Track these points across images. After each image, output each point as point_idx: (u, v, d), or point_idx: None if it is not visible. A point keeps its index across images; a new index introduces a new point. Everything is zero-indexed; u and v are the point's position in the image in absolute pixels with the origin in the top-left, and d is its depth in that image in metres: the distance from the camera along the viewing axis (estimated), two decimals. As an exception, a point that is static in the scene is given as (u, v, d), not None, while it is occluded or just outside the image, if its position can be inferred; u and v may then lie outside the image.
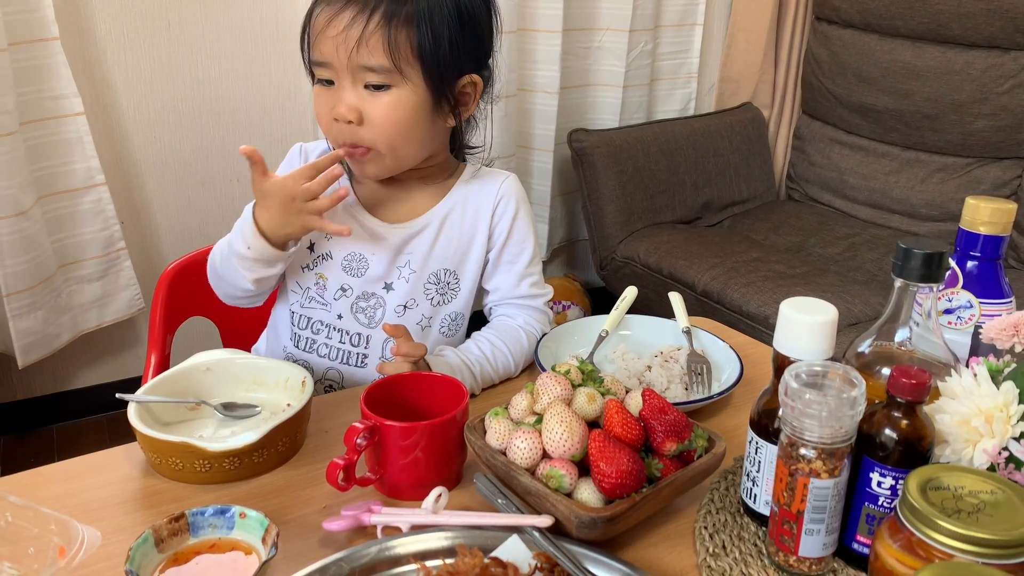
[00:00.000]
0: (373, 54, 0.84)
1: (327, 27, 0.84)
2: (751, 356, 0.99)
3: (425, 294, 0.98)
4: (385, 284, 0.97)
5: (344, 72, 0.86)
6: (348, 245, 0.96)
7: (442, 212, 0.97)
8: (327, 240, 0.96)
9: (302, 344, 0.99)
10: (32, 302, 1.78)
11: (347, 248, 0.96)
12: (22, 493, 0.66)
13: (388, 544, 0.57)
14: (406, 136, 0.89)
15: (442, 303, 0.99)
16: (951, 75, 2.17)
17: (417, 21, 0.85)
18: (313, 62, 0.88)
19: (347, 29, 0.84)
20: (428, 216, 0.97)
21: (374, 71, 0.85)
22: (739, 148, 2.48)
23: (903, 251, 0.64)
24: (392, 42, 0.84)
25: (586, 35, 2.30)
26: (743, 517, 0.72)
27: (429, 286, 0.97)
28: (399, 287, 0.96)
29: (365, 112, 0.87)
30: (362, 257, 0.96)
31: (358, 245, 0.96)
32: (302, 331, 0.99)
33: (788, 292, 1.85)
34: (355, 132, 0.87)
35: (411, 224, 0.96)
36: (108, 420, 2.08)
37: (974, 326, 0.74)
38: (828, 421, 0.59)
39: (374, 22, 0.83)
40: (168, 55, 1.89)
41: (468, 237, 0.98)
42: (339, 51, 0.84)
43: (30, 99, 1.71)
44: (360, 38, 0.83)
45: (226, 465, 0.74)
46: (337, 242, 0.96)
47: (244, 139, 2.02)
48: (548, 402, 0.70)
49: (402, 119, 0.87)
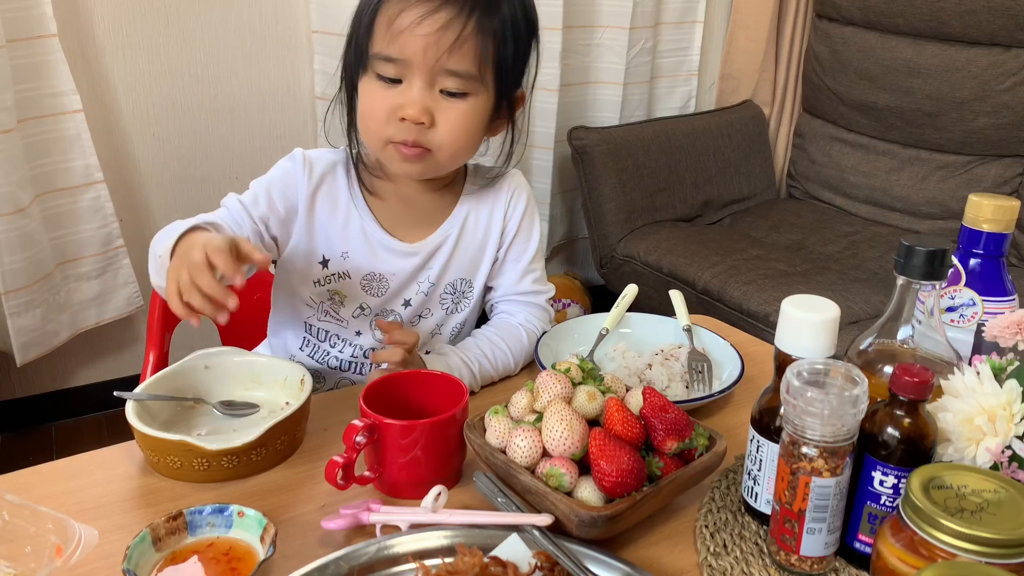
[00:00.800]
0: (463, 60, 0.81)
1: (417, 24, 0.80)
2: (752, 354, 0.98)
3: (440, 303, 0.98)
4: (404, 300, 0.96)
5: (422, 73, 0.81)
6: (368, 265, 0.93)
7: (458, 221, 0.96)
8: (343, 259, 0.93)
9: (316, 355, 0.99)
10: (30, 300, 1.77)
11: (367, 268, 0.94)
12: (19, 491, 0.66)
13: (387, 543, 0.56)
14: (469, 144, 0.88)
15: (455, 311, 0.99)
16: (952, 73, 2.17)
17: (503, 31, 0.83)
18: (381, 56, 0.82)
19: (442, 30, 0.80)
20: (446, 228, 0.95)
21: (459, 77, 0.82)
22: (739, 146, 2.47)
23: (906, 248, 0.64)
24: (483, 50, 0.82)
25: (586, 32, 2.30)
26: (744, 516, 0.71)
27: (445, 296, 0.97)
28: (416, 300, 0.96)
29: (437, 116, 0.83)
30: (382, 278, 0.94)
31: (379, 266, 0.94)
32: (318, 341, 0.98)
33: (788, 290, 1.84)
34: (422, 133, 0.84)
35: (429, 240, 0.95)
36: (107, 418, 2.08)
37: (977, 324, 0.74)
38: (830, 419, 0.59)
39: (469, 28, 0.81)
40: (167, 52, 1.88)
41: (482, 242, 0.97)
42: (427, 51, 0.80)
43: (28, 96, 1.70)
44: (455, 42, 0.80)
45: (224, 463, 0.73)
46: (355, 262, 0.93)
47: (243, 136, 2.02)
48: (548, 400, 0.70)
49: (471, 127, 0.86)
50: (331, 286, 0.94)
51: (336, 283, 0.94)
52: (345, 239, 0.93)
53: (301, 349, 0.99)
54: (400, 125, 0.83)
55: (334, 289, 0.94)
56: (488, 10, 0.82)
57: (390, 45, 0.81)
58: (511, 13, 0.84)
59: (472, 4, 0.81)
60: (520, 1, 0.86)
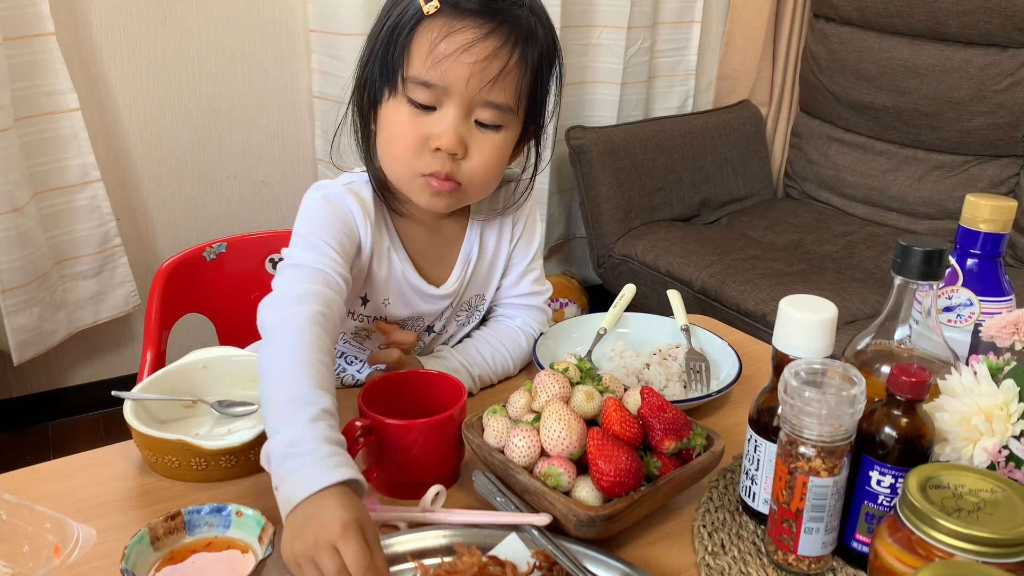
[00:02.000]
0: (504, 92, 0.78)
1: (463, 51, 0.75)
2: (749, 354, 0.99)
3: (456, 320, 0.98)
4: (428, 326, 0.96)
5: (461, 102, 0.78)
6: (405, 313, 0.91)
7: (474, 241, 0.94)
8: (384, 306, 0.90)
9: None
10: (27, 299, 1.77)
11: (404, 315, 0.91)
12: (17, 491, 0.65)
13: (386, 542, 0.56)
14: (497, 176, 0.85)
15: (467, 323, 0.99)
16: (949, 73, 2.17)
17: (539, 63, 0.81)
18: (418, 81, 0.77)
19: (488, 60, 0.76)
20: (465, 255, 0.93)
21: (497, 109, 0.79)
22: (737, 146, 2.47)
23: (903, 248, 0.64)
24: (522, 83, 0.80)
25: (584, 31, 2.30)
26: (742, 516, 0.71)
27: (461, 313, 0.97)
28: (438, 326, 0.96)
29: (471, 147, 0.80)
30: (419, 318, 0.93)
31: (414, 311, 0.92)
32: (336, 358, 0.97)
33: (786, 290, 1.85)
34: (454, 165, 0.80)
35: (454, 276, 0.93)
36: (104, 418, 2.08)
37: (974, 324, 0.74)
38: (828, 419, 0.59)
39: (514, 59, 0.78)
40: (164, 51, 1.88)
41: (494, 258, 0.96)
42: (471, 80, 0.76)
43: (25, 95, 1.70)
44: (500, 72, 0.77)
45: (223, 463, 0.73)
46: (394, 309, 0.90)
47: (240, 136, 2.02)
48: (546, 400, 0.70)
49: (501, 160, 0.83)
50: (364, 324, 0.92)
51: (370, 324, 0.92)
52: (387, 287, 0.89)
53: None
54: (432, 156, 0.79)
55: (364, 327, 0.93)
56: (529, 41, 0.79)
57: (430, 70, 0.77)
58: (545, 42, 0.82)
59: (517, 35, 0.78)
60: (549, 29, 0.83)
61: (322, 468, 0.59)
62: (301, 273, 0.78)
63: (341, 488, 0.59)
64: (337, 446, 0.62)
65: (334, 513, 0.56)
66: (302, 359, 0.67)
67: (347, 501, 0.58)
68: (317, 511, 0.57)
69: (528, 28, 0.80)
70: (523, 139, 0.88)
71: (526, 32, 0.79)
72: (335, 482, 0.58)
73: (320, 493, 0.58)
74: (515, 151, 0.89)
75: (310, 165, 2.11)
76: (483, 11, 0.77)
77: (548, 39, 0.83)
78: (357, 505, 0.58)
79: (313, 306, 0.72)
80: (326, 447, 0.61)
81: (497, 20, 0.77)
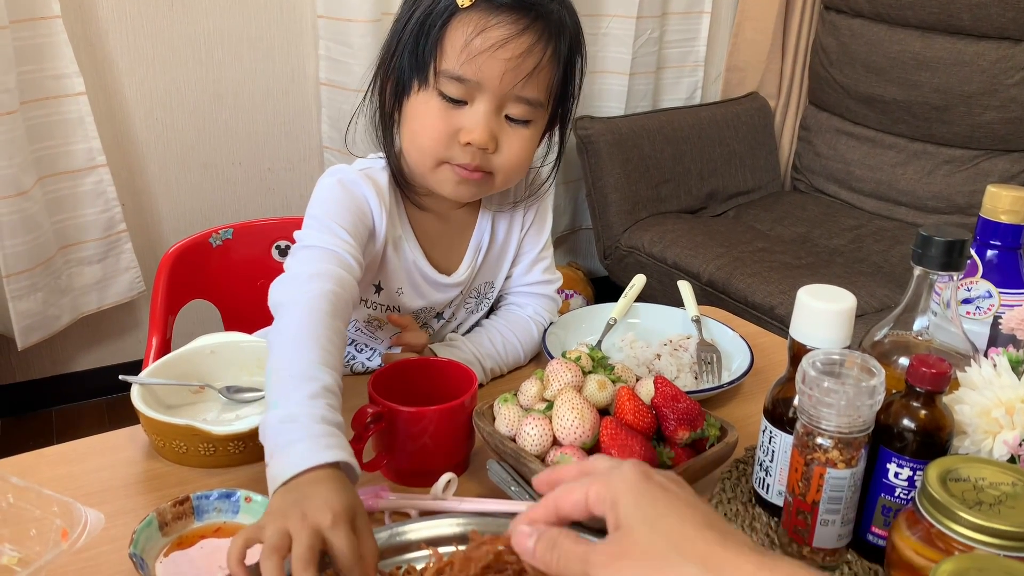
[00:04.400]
0: (537, 88, 0.78)
1: (499, 47, 0.75)
2: (760, 346, 0.98)
3: (464, 307, 0.97)
4: (437, 314, 0.95)
5: (493, 97, 0.77)
6: (417, 303, 0.91)
7: (485, 229, 0.93)
8: (397, 295, 0.90)
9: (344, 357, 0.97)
10: (32, 283, 1.77)
11: (418, 304, 0.91)
12: (23, 474, 0.65)
13: (400, 529, 0.56)
14: (525, 168, 0.85)
15: (476, 311, 0.98)
16: (961, 66, 2.15)
17: (570, 58, 0.81)
18: (451, 75, 0.77)
19: (524, 56, 0.76)
20: (476, 243, 0.93)
21: (528, 104, 0.79)
22: (745, 138, 2.46)
23: (924, 239, 0.63)
24: (555, 79, 0.80)
25: (593, 21, 2.28)
26: (755, 507, 0.71)
27: (470, 300, 0.97)
28: (447, 313, 0.96)
29: (500, 142, 0.80)
30: (431, 308, 0.93)
31: (427, 301, 0.92)
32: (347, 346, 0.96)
33: (794, 283, 1.84)
34: (484, 159, 0.80)
35: (464, 265, 0.93)
36: (107, 403, 2.07)
37: (993, 316, 0.73)
38: (846, 410, 0.58)
39: (547, 55, 0.78)
40: (171, 35, 1.87)
41: (504, 246, 0.96)
42: (505, 77, 0.76)
43: (31, 78, 1.69)
44: (534, 69, 0.77)
45: (231, 449, 0.73)
46: (407, 299, 0.90)
47: (247, 121, 2.01)
48: (559, 388, 0.69)
49: (530, 152, 0.84)
50: (377, 312, 0.92)
51: (383, 313, 0.92)
52: (400, 276, 0.89)
53: None
54: (462, 149, 0.79)
55: (379, 317, 0.92)
56: (561, 35, 0.79)
57: (464, 65, 0.76)
58: (574, 33, 0.81)
59: (551, 31, 0.78)
60: (575, 18, 0.82)
61: (314, 447, 0.58)
62: (315, 254, 0.77)
63: (333, 471, 0.57)
64: (332, 426, 0.61)
65: (325, 500, 0.54)
66: (309, 335, 0.66)
67: (338, 486, 0.56)
68: (308, 495, 0.55)
69: (559, 22, 0.79)
70: (549, 131, 0.88)
71: (558, 26, 0.79)
72: (325, 462, 0.57)
73: (311, 473, 0.56)
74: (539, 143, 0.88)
75: (316, 152, 2.10)
76: (517, 6, 0.76)
77: (575, 28, 0.82)
78: (349, 490, 0.56)
79: (325, 284, 0.72)
80: (320, 426, 0.60)
81: (532, 15, 0.77)
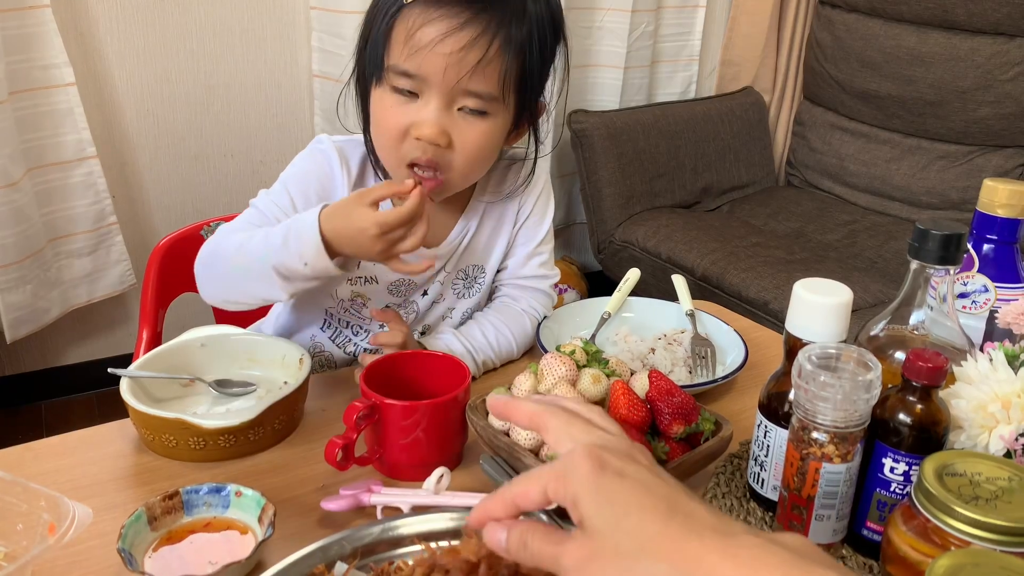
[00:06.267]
0: (485, 81, 0.77)
1: (438, 42, 0.74)
2: (754, 340, 0.97)
3: (453, 289, 0.96)
4: (423, 291, 0.95)
5: (441, 92, 0.77)
6: (394, 273, 0.90)
7: (477, 211, 0.93)
8: (373, 265, 0.89)
9: (337, 339, 0.96)
10: (21, 276, 1.75)
11: (394, 275, 0.91)
12: (11, 468, 0.64)
13: (392, 524, 0.55)
14: (485, 162, 0.84)
15: (466, 295, 0.97)
16: (956, 62, 2.16)
17: (529, 48, 0.79)
18: (398, 70, 0.77)
19: (465, 51, 0.75)
20: (465, 223, 0.93)
21: (479, 98, 0.78)
22: (739, 133, 2.46)
23: (920, 232, 0.63)
24: (506, 71, 0.77)
25: (588, 14, 2.27)
26: (749, 502, 0.70)
27: (457, 282, 0.96)
28: (433, 290, 0.95)
29: (454, 136, 0.79)
30: (410, 281, 0.92)
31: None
32: (340, 327, 0.96)
33: (788, 278, 1.84)
34: (437, 154, 0.79)
35: (450, 240, 0.92)
36: (98, 397, 2.06)
37: (989, 311, 0.73)
38: (842, 404, 0.58)
39: (494, 47, 0.76)
40: (162, 26, 1.85)
41: (496, 229, 0.95)
42: (448, 72, 0.75)
43: (20, 68, 1.67)
44: (478, 63, 0.75)
45: (221, 442, 0.72)
46: (383, 268, 0.89)
47: (238, 113, 1.99)
48: (552, 382, 0.69)
49: (488, 147, 0.82)
50: (357, 288, 0.92)
51: (363, 286, 0.92)
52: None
53: (323, 330, 0.96)
54: (415, 144, 0.79)
55: (358, 292, 0.92)
56: (516, 23, 0.77)
57: (408, 60, 0.76)
58: (538, 20, 0.79)
59: (499, 20, 0.76)
60: (548, 6, 0.80)
61: (303, 215, 0.76)
62: (251, 215, 0.86)
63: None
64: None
65: (356, 215, 0.73)
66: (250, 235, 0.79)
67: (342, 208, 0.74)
68: (344, 223, 0.74)
69: (518, 9, 0.77)
70: (523, 121, 0.86)
71: (513, 14, 0.77)
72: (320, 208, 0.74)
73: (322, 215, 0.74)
74: (516, 133, 0.87)
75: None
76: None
77: (544, 13, 0.80)
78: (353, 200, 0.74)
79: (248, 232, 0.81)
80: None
81: (477, 7, 0.75)
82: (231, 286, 0.83)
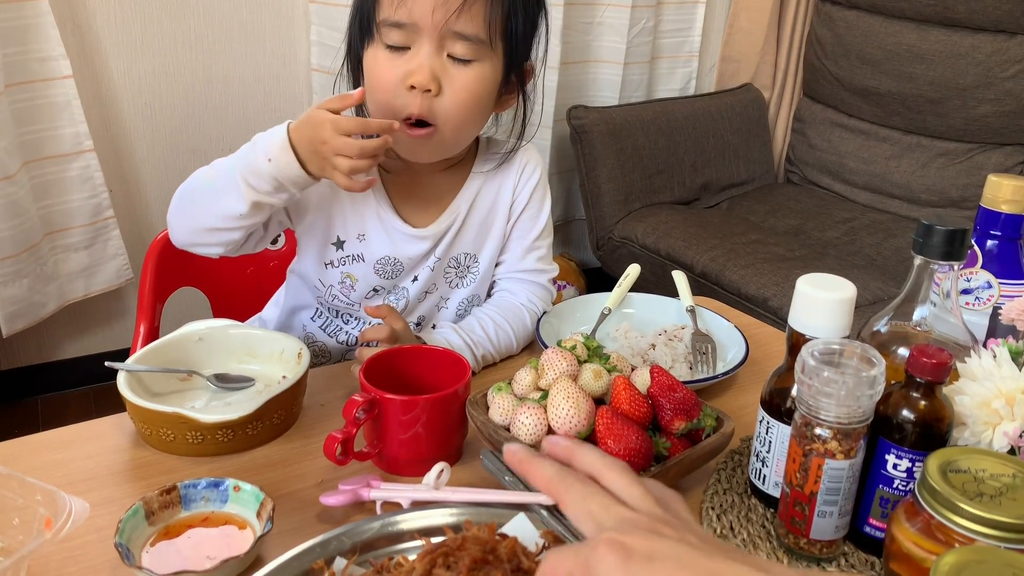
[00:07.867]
0: (472, 22, 0.79)
1: None
2: (755, 336, 0.97)
3: (445, 277, 0.96)
4: (413, 276, 0.94)
5: (430, 37, 0.79)
6: (382, 250, 0.91)
7: (468, 199, 0.93)
8: (359, 241, 0.91)
9: (329, 328, 0.97)
10: (17, 270, 1.74)
11: (381, 252, 0.91)
12: (7, 462, 0.63)
13: (392, 519, 0.55)
14: (476, 114, 0.85)
15: (459, 285, 0.97)
16: (956, 59, 2.15)
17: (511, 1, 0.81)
18: (389, 22, 0.80)
19: None
20: (455, 207, 0.93)
21: (467, 41, 0.80)
22: (739, 129, 2.45)
23: (925, 228, 0.62)
24: (491, 15, 0.80)
25: (588, 10, 2.26)
26: (751, 498, 0.70)
27: (449, 270, 0.96)
28: (424, 276, 0.94)
29: (444, 83, 0.81)
30: (396, 261, 0.92)
31: (392, 250, 0.92)
32: (331, 316, 0.96)
33: (787, 275, 1.83)
34: (430, 103, 0.81)
35: (441, 221, 0.92)
36: (94, 392, 2.05)
37: (992, 307, 0.72)
38: (846, 400, 0.57)
39: None
40: (160, 18, 1.84)
41: (489, 218, 0.95)
42: (435, 12, 0.78)
43: (16, 60, 1.66)
44: (464, 2, 0.78)
45: (219, 437, 0.71)
46: (370, 246, 0.91)
47: (236, 106, 1.98)
48: (554, 378, 0.68)
49: (478, 95, 0.83)
50: (344, 268, 0.92)
51: (349, 266, 0.92)
52: (361, 221, 0.90)
53: (313, 319, 0.97)
54: (409, 95, 0.81)
55: (347, 272, 0.92)
56: None
57: (397, 10, 0.79)
58: None
59: None
60: None
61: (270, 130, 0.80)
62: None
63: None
64: None
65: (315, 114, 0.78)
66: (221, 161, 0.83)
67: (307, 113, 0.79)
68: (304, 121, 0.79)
69: None
70: (511, 81, 0.87)
71: None
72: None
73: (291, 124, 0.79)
74: (506, 96, 0.89)
75: (307, 140, 2.07)
76: None
77: None
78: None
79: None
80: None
81: None
82: (199, 209, 0.86)
